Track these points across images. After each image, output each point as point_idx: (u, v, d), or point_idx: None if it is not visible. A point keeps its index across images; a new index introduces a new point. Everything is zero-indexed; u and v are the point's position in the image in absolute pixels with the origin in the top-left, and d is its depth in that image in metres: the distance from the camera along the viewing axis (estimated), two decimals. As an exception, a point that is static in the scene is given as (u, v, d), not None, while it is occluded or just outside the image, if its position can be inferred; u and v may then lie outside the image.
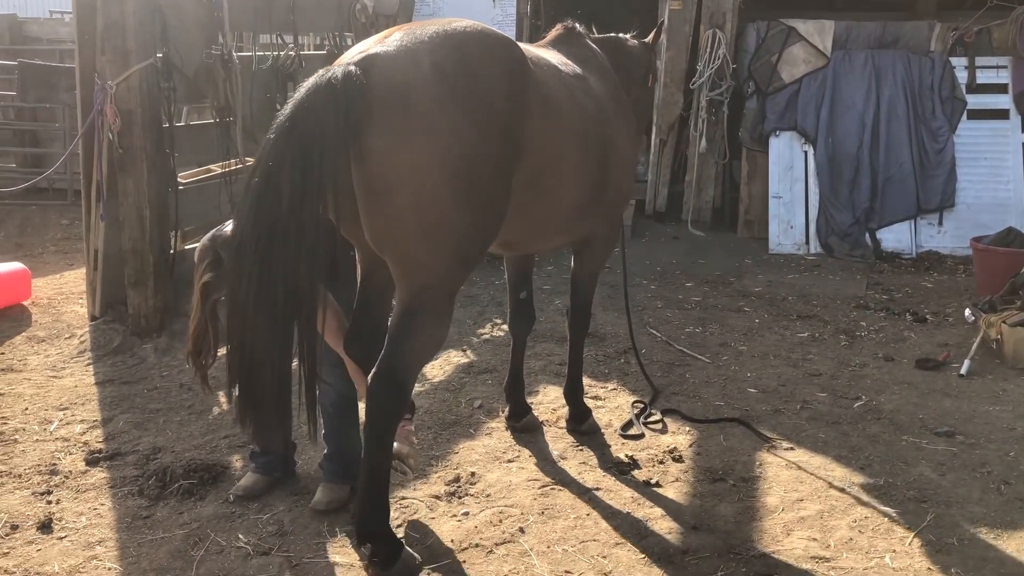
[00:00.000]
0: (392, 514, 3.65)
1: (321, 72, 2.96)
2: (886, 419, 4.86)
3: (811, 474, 4.21)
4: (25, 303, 6.66)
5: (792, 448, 4.49)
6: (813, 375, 5.54)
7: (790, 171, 9.33)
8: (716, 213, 10.04)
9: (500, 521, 3.74)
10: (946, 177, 9.03)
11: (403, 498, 3.92)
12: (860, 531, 3.71)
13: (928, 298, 7.42)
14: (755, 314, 6.89)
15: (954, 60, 9.23)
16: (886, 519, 3.80)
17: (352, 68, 2.94)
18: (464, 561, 3.43)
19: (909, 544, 3.60)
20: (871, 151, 9.15)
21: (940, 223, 9.07)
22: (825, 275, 8.24)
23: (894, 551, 3.55)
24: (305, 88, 2.94)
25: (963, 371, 5.54)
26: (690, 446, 4.51)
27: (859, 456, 4.40)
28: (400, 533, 3.57)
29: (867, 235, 9.06)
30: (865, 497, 3.99)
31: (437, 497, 3.95)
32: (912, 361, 5.78)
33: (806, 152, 9.32)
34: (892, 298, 7.40)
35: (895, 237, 9.03)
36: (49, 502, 3.85)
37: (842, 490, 4.06)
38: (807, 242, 9.14)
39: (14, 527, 3.63)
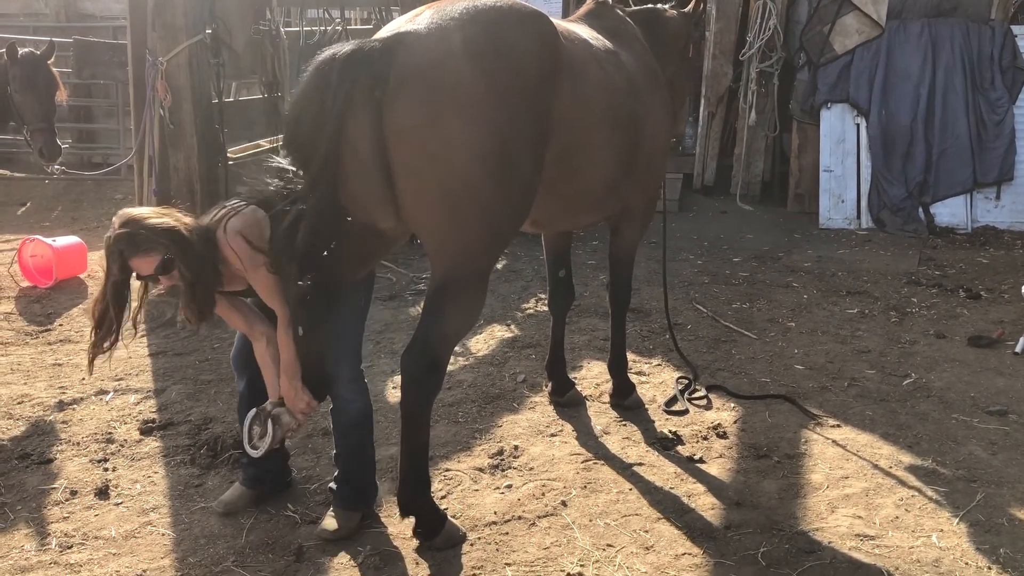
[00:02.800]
0: (436, 485, 3.71)
1: (335, 47, 2.98)
2: (936, 397, 4.78)
3: (857, 452, 4.17)
4: (82, 276, 6.84)
5: (838, 425, 4.45)
6: (862, 352, 5.46)
7: (842, 144, 9.14)
8: (765, 187, 9.89)
9: (543, 494, 3.77)
10: (1005, 149, 8.77)
11: (447, 470, 3.97)
12: (906, 510, 3.67)
13: (983, 274, 7.25)
14: (804, 290, 6.80)
15: (1016, 28, 8.92)
16: (934, 498, 3.75)
17: (368, 43, 2.95)
18: (507, 533, 3.48)
19: (957, 524, 3.56)
20: (926, 123, 8.92)
21: (998, 197, 8.82)
22: (876, 250, 8.09)
23: (941, 530, 3.51)
24: (317, 61, 2.95)
25: (1018, 349, 5.41)
26: (735, 422, 4.49)
27: (907, 434, 4.35)
28: (444, 505, 3.61)
29: (920, 209, 8.85)
30: (912, 476, 3.94)
31: (481, 469, 3.99)
32: (964, 338, 5.67)
33: (858, 124, 9.12)
34: (945, 274, 7.25)
35: (950, 211, 8.82)
36: (106, 469, 3.97)
37: (889, 468, 4.01)
38: (858, 216, 8.97)
39: (73, 493, 3.76)
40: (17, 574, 3.20)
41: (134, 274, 3.20)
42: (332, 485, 3.54)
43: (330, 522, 3.44)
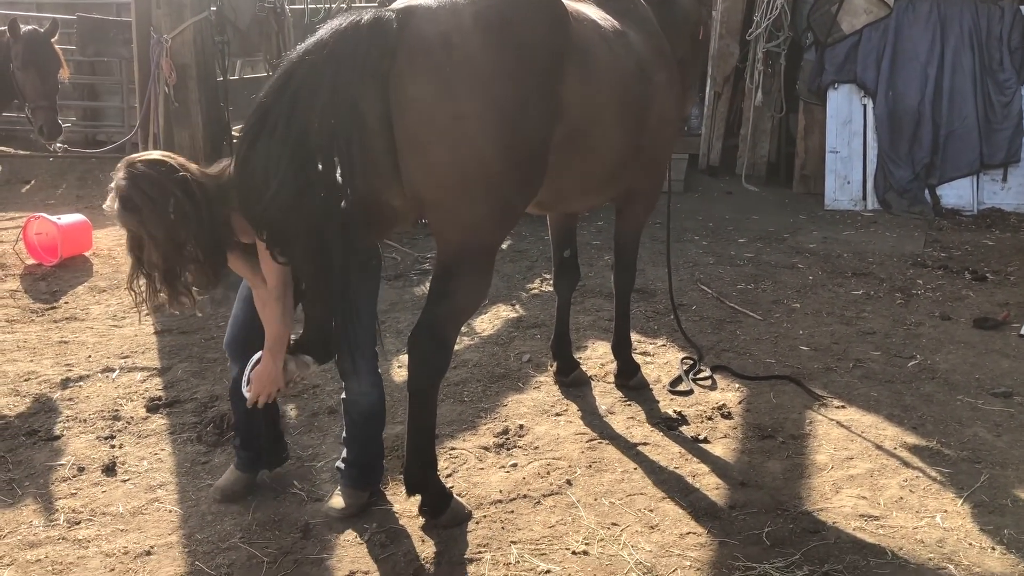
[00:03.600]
0: (441, 464, 3.72)
1: (347, 15, 2.92)
2: (941, 378, 4.78)
3: (862, 433, 4.17)
4: (87, 254, 6.84)
5: (843, 406, 4.45)
6: (867, 333, 5.46)
7: (848, 125, 9.10)
8: (771, 168, 9.86)
9: (548, 473, 3.78)
10: (1012, 131, 8.73)
11: (452, 449, 3.98)
12: (911, 490, 3.68)
13: (989, 256, 7.23)
14: (809, 271, 6.79)
15: (1025, 9, 8.88)
16: (938, 479, 3.76)
17: (386, 12, 2.91)
18: (512, 511, 3.49)
19: (961, 504, 3.57)
20: (933, 104, 8.88)
21: (1004, 179, 8.80)
22: (882, 232, 8.07)
23: (945, 511, 3.52)
24: (327, 29, 2.88)
25: (1023, 331, 5.41)
26: (739, 403, 4.49)
27: (912, 415, 4.35)
28: (449, 483, 3.63)
29: (926, 191, 8.83)
30: (917, 457, 3.95)
31: (486, 448, 4.00)
32: (970, 320, 5.67)
33: (865, 105, 9.07)
34: (951, 256, 7.24)
35: (956, 193, 8.80)
36: (113, 446, 3.99)
37: (893, 449, 4.02)
38: (864, 198, 8.95)
39: (81, 469, 3.78)
40: (26, 549, 3.22)
41: None
42: (340, 464, 3.51)
43: (337, 500, 3.44)
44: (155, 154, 3.04)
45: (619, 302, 4.59)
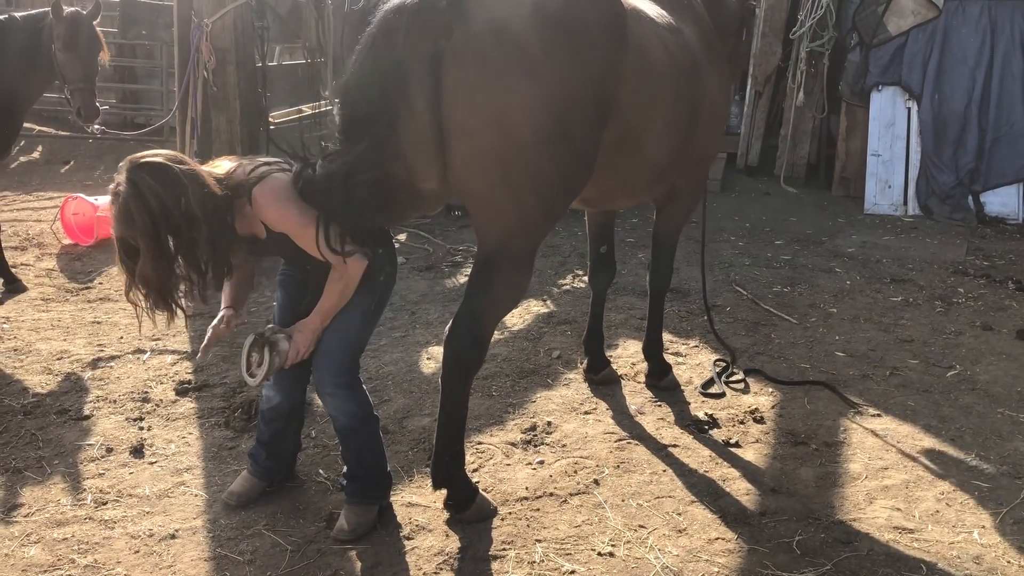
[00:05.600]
0: (468, 458, 3.68)
1: None
2: (981, 390, 4.67)
3: (898, 443, 4.08)
4: (122, 235, 6.89)
5: (879, 415, 4.36)
6: (905, 341, 5.35)
7: (891, 128, 8.93)
8: (810, 169, 9.72)
9: (575, 472, 3.73)
10: (1063, 138, 8.53)
11: (479, 443, 3.95)
12: (947, 504, 3.58)
13: (1033, 266, 7.07)
14: (846, 275, 6.67)
15: (1079, 12, 8.65)
16: (976, 493, 3.66)
17: None
18: (538, 509, 3.45)
19: (1000, 520, 3.46)
20: (980, 109, 8.68)
21: (1052, 188, 8.59)
22: (922, 238, 7.91)
23: (983, 527, 3.43)
24: (385, 9, 2.89)
25: (1068, 344, 5.27)
26: (772, 408, 4.41)
27: (950, 427, 4.25)
28: (475, 478, 3.59)
29: (970, 198, 8.65)
30: (955, 469, 3.85)
31: (513, 444, 3.96)
32: (1012, 331, 5.53)
33: (909, 108, 8.90)
34: (994, 264, 7.08)
35: (1000, 201, 8.60)
36: (141, 428, 4.00)
37: (930, 461, 3.92)
38: (905, 203, 8.78)
39: (109, 450, 3.79)
40: (53, 527, 3.24)
41: None
42: (341, 480, 3.33)
43: (342, 521, 3.23)
44: (161, 157, 2.88)
45: (653, 301, 4.52)
